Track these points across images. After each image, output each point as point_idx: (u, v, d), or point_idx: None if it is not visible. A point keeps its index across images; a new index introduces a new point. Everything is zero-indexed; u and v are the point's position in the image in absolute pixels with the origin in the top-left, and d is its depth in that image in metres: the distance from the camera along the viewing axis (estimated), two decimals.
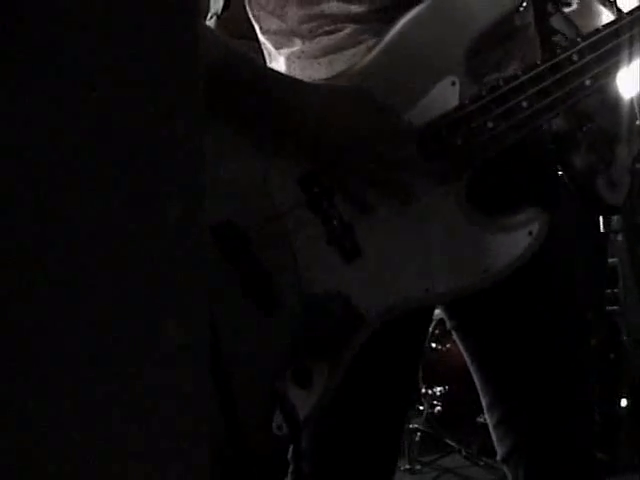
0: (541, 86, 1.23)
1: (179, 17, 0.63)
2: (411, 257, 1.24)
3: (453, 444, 3.35)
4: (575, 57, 1.24)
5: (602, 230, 3.15)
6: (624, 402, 3.11)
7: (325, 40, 1.28)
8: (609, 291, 3.32)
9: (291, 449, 1.36)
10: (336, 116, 1.21)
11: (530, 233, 1.25)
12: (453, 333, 1.43)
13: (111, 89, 0.60)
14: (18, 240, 0.57)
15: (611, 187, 1.35)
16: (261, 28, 1.34)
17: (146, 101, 0.62)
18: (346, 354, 1.22)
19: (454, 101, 1.24)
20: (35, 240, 0.57)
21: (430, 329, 3.24)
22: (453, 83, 1.24)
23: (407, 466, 3.34)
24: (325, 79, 1.27)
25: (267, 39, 1.34)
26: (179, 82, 0.64)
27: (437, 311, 1.50)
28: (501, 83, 1.24)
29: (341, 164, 1.23)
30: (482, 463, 3.19)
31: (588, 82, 1.24)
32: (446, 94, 1.24)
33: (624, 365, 3.18)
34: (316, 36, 1.29)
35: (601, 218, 3.11)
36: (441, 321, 3.05)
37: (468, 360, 1.41)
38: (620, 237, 3.23)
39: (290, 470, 1.37)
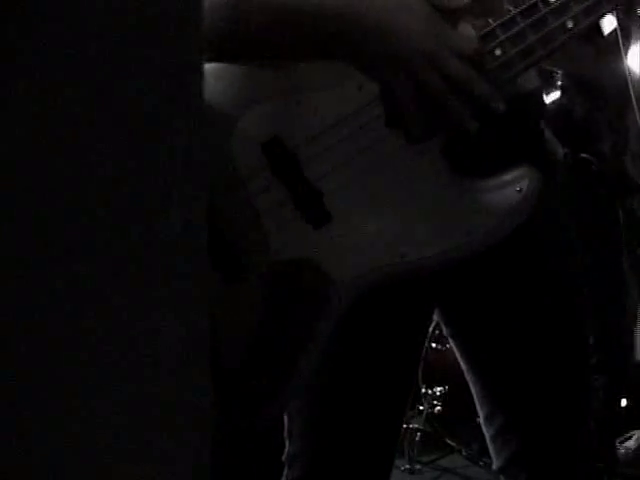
0: (515, 30, 1.15)
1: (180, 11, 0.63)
2: (384, 222, 1.18)
3: (453, 444, 3.34)
4: None
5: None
6: (624, 402, 3.11)
7: None
8: None
9: (286, 452, 1.35)
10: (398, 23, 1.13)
11: (519, 190, 1.17)
12: (450, 340, 1.41)
13: (111, 85, 0.60)
14: (18, 241, 0.57)
15: (636, 161, 1.30)
16: None
17: (147, 101, 0.62)
18: (320, 325, 1.18)
19: None
20: (34, 239, 0.57)
21: (430, 329, 3.24)
22: None
23: (407, 466, 3.33)
24: None
25: None
26: (181, 81, 0.63)
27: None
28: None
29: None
30: (482, 463, 3.18)
31: (570, 24, 1.15)
32: None
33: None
34: None
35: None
36: None
37: (465, 368, 1.39)
38: None
39: (285, 473, 1.36)
